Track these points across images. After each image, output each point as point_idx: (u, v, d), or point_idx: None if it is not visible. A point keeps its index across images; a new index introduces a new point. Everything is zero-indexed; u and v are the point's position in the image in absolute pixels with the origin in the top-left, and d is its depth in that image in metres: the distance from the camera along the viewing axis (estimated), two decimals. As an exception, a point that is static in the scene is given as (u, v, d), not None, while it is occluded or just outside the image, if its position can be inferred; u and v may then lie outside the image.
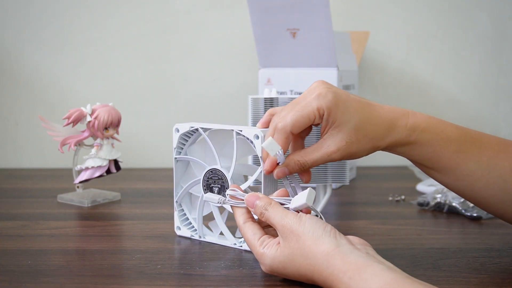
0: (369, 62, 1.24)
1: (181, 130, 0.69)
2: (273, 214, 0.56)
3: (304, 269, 0.53)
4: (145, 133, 1.26)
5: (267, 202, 0.57)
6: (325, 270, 0.51)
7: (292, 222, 0.54)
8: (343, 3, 1.23)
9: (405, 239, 0.71)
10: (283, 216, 0.55)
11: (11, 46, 1.24)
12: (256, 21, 0.97)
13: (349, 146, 0.59)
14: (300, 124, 0.59)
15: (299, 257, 0.53)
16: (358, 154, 0.60)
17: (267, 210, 0.57)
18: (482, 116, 1.27)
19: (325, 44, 0.94)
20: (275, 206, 0.57)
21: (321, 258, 0.51)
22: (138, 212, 0.85)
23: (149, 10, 1.23)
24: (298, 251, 0.53)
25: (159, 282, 0.57)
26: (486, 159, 0.59)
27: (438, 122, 0.60)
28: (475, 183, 0.60)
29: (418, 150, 0.60)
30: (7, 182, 1.10)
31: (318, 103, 0.58)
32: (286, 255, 0.54)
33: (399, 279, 0.47)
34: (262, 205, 0.57)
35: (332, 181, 0.76)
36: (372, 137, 0.59)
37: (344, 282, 0.49)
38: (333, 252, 0.51)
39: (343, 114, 0.58)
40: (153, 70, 1.25)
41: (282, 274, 0.56)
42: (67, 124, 0.87)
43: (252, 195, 0.59)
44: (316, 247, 0.52)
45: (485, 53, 1.25)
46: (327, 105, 0.58)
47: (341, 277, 0.49)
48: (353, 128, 0.58)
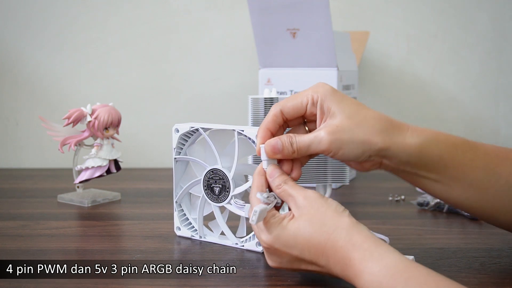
0: (369, 62, 1.24)
1: (181, 130, 0.69)
2: (293, 186, 0.57)
3: (317, 237, 0.52)
4: (145, 133, 1.26)
5: (286, 178, 0.58)
6: (342, 238, 0.51)
7: (315, 194, 0.55)
8: (343, 3, 1.23)
9: (405, 239, 0.71)
10: (304, 189, 0.56)
11: (11, 46, 1.24)
12: (256, 21, 0.97)
13: (340, 133, 0.56)
14: (291, 105, 0.59)
15: (315, 225, 0.53)
16: (349, 146, 0.56)
17: (286, 183, 0.57)
18: (482, 116, 1.27)
19: (325, 44, 0.94)
20: (292, 181, 0.58)
21: (341, 227, 0.52)
22: (138, 212, 0.85)
23: (149, 10, 1.23)
24: (316, 219, 0.53)
25: (159, 282, 0.57)
26: (493, 166, 0.57)
27: (439, 131, 0.59)
28: (484, 192, 0.58)
29: (425, 158, 0.57)
30: (7, 182, 1.10)
31: (313, 90, 0.58)
32: (302, 223, 0.53)
33: (410, 263, 0.49)
34: (282, 179, 0.58)
35: (332, 181, 0.76)
36: (366, 130, 0.56)
37: (359, 254, 0.49)
38: (353, 226, 0.52)
39: (339, 104, 0.57)
40: (153, 70, 1.25)
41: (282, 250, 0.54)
42: (67, 124, 0.87)
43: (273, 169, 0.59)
44: (337, 219, 0.53)
45: (485, 53, 1.25)
46: (322, 93, 0.58)
47: (359, 246, 0.50)
48: (347, 115, 0.56)
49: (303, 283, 0.56)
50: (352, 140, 0.56)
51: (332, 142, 0.56)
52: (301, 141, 0.57)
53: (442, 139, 0.58)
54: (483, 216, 0.60)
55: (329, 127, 0.56)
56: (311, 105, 0.58)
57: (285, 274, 0.59)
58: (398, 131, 0.57)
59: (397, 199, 0.91)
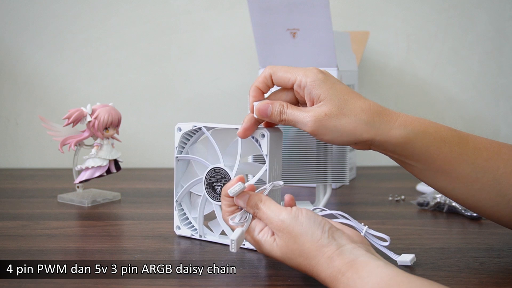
0: (369, 62, 1.24)
1: (183, 129, 0.69)
2: (266, 210, 0.56)
3: (303, 267, 0.53)
4: (145, 133, 1.26)
5: (258, 199, 0.57)
6: (324, 270, 0.51)
7: (289, 221, 0.54)
8: (343, 3, 1.23)
9: (405, 239, 0.71)
10: (278, 212, 0.55)
11: (11, 46, 1.24)
12: (256, 21, 0.97)
13: (327, 121, 0.57)
14: (280, 76, 0.60)
15: (298, 257, 0.53)
16: (333, 134, 0.58)
17: (258, 209, 0.56)
18: (482, 116, 1.27)
19: (325, 44, 0.94)
20: (268, 201, 0.57)
21: (321, 260, 0.51)
22: (138, 212, 0.85)
23: (149, 10, 1.23)
24: (297, 251, 0.53)
25: (159, 282, 0.57)
26: (481, 161, 0.58)
27: (430, 122, 0.59)
28: (470, 186, 0.59)
29: (411, 149, 0.58)
30: (7, 182, 1.10)
31: (304, 74, 0.59)
32: (284, 253, 0.54)
33: (395, 275, 0.48)
34: (251, 205, 0.57)
35: (332, 181, 0.76)
36: (354, 119, 0.57)
37: (343, 282, 0.49)
38: (333, 255, 0.51)
39: (328, 91, 0.58)
40: (153, 70, 1.25)
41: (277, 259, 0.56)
42: (67, 124, 0.87)
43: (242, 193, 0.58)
44: (317, 250, 0.52)
45: (485, 53, 1.25)
46: (312, 81, 0.59)
47: (340, 277, 0.50)
48: (335, 104, 0.58)
49: (303, 283, 0.56)
50: (337, 129, 0.58)
51: (317, 128, 0.58)
52: (290, 114, 0.60)
53: (431, 131, 0.58)
54: (469, 206, 0.62)
55: (316, 113, 0.58)
56: (297, 86, 0.60)
57: (285, 274, 0.59)
58: (386, 122, 0.58)
59: (397, 199, 0.91)
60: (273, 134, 0.63)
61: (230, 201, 0.58)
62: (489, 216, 0.62)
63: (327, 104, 0.58)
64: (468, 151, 0.59)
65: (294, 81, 0.60)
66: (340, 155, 0.76)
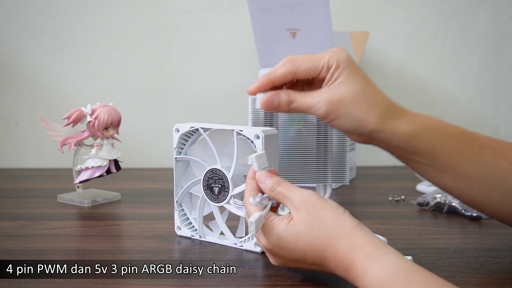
0: (369, 62, 1.24)
1: (181, 130, 0.69)
2: (288, 188, 0.56)
3: (318, 243, 0.52)
4: (145, 133, 1.26)
5: (278, 180, 0.57)
6: (343, 242, 0.51)
7: (313, 196, 0.54)
8: (343, 3, 1.23)
9: (405, 239, 0.71)
10: (300, 190, 0.55)
11: (11, 46, 1.24)
12: (256, 21, 0.97)
13: (340, 105, 0.57)
14: (306, 67, 0.59)
15: (316, 230, 0.52)
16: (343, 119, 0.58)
17: (279, 185, 0.57)
18: (482, 116, 1.27)
19: (325, 44, 0.94)
20: (286, 182, 0.57)
21: (342, 232, 0.51)
22: (138, 212, 0.85)
23: (149, 10, 1.23)
24: (317, 223, 0.53)
25: (159, 282, 0.57)
26: (486, 159, 0.58)
27: (436, 119, 0.60)
28: (475, 184, 0.59)
29: (416, 144, 0.58)
30: (7, 182, 1.10)
31: (330, 55, 0.58)
32: (302, 227, 0.53)
33: (411, 264, 0.48)
34: (274, 181, 0.57)
35: (332, 181, 0.76)
36: (364, 109, 0.58)
37: (361, 256, 0.49)
38: (354, 228, 0.51)
39: (348, 75, 0.58)
40: (153, 70, 1.25)
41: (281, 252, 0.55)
42: (67, 124, 0.87)
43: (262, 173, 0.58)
44: (338, 222, 0.52)
45: (485, 53, 1.25)
46: (338, 59, 0.58)
47: (360, 249, 0.50)
48: (352, 90, 0.58)
49: (303, 283, 0.56)
50: (348, 114, 0.58)
51: (330, 111, 0.58)
52: (301, 102, 0.59)
53: (437, 128, 0.58)
54: (472, 204, 0.61)
55: (332, 96, 0.58)
56: (325, 70, 0.59)
57: (285, 274, 0.59)
58: (395, 116, 0.58)
59: (397, 199, 0.91)
60: (268, 135, 0.63)
61: (253, 184, 0.58)
62: (492, 214, 0.62)
63: (343, 88, 0.58)
64: (473, 149, 0.59)
65: (323, 66, 0.59)
66: (340, 155, 0.76)
